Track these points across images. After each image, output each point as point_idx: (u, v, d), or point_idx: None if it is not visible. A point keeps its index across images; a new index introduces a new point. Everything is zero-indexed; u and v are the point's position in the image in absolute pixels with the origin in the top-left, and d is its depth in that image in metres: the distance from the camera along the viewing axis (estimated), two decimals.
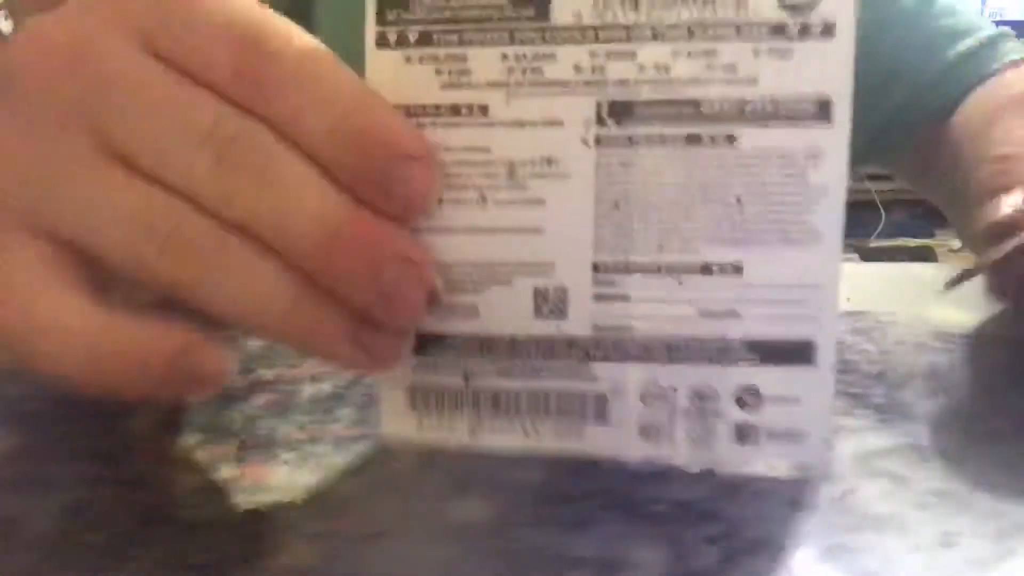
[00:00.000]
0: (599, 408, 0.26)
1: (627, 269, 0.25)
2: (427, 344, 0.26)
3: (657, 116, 0.24)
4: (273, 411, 0.31)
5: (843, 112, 0.24)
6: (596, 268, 0.25)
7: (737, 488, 0.27)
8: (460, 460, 0.28)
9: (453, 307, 0.25)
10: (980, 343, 0.36)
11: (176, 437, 0.30)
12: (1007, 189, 0.34)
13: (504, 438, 0.26)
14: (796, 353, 0.25)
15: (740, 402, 0.25)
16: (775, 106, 0.24)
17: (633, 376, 0.26)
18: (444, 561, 0.24)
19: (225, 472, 0.28)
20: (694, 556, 0.24)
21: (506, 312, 0.25)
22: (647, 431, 0.26)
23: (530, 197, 0.25)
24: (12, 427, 0.30)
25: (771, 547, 0.24)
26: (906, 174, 0.62)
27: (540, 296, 0.25)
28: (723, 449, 0.26)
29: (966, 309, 0.38)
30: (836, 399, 0.29)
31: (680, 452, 0.26)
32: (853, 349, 0.35)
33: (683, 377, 0.25)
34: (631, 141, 0.24)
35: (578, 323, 0.25)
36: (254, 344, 0.36)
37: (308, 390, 0.32)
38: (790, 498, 0.26)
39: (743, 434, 0.26)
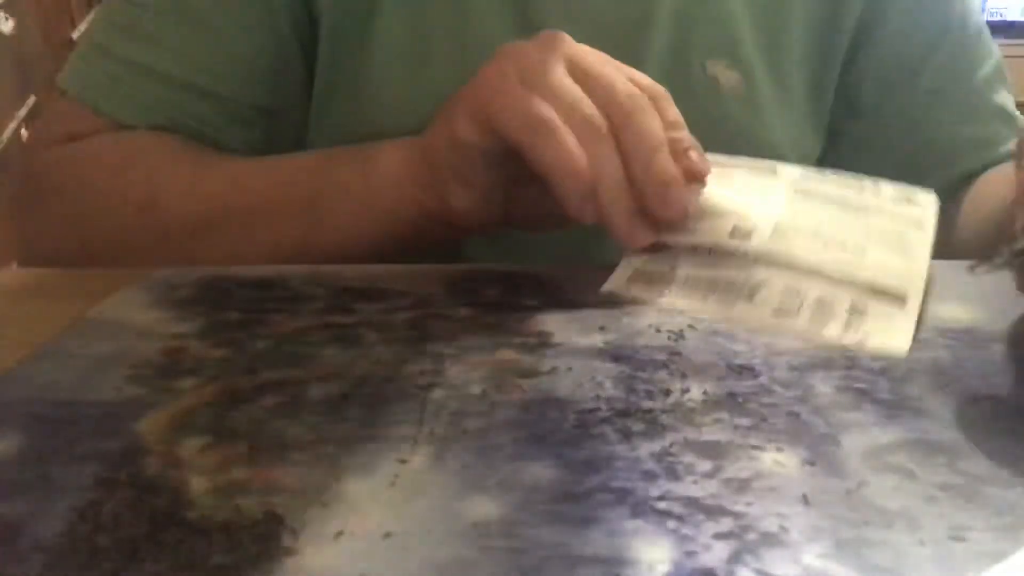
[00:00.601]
0: (751, 293, 0.38)
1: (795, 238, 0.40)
2: (656, 247, 0.41)
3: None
4: (282, 412, 0.31)
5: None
6: (776, 226, 0.41)
7: (746, 484, 0.27)
8: (470, 460, 0.28)
9: (680, 226, 0.40)
10: (983, 339, 0.36)
11: (186, 439, 0.30)
12: None
13: (684, 303, 0.39)
14: (896, 300, 0.38)
15: (850, 311, 0.37)
16: None
17: (780, 279, 0.39)
18: (454, 560, 0.24)
19: (235, 474, 0.28)
20: (704, 552, 0.24)
21: (711, 233, 0.41)
22: (779, 312, 0.37)
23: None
24: (21, 430, 0.30)
25: (780, 542, 0.24)
26: None
27: (737, 228, 0.41)
28: (833, 333, 0.36)
29: (968, 305, 0.38)
30: (841, 394, 0.32)
31: (799, 329, 0.37)
32: None
33: (814, 287, 0.38)
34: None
35: (755, 245, 0.40)
36: (261, 345, 0.36)
37: (316, 391, 0.33)
38: (799, 493, 0.26)
39: (848, 325, 0.36)
